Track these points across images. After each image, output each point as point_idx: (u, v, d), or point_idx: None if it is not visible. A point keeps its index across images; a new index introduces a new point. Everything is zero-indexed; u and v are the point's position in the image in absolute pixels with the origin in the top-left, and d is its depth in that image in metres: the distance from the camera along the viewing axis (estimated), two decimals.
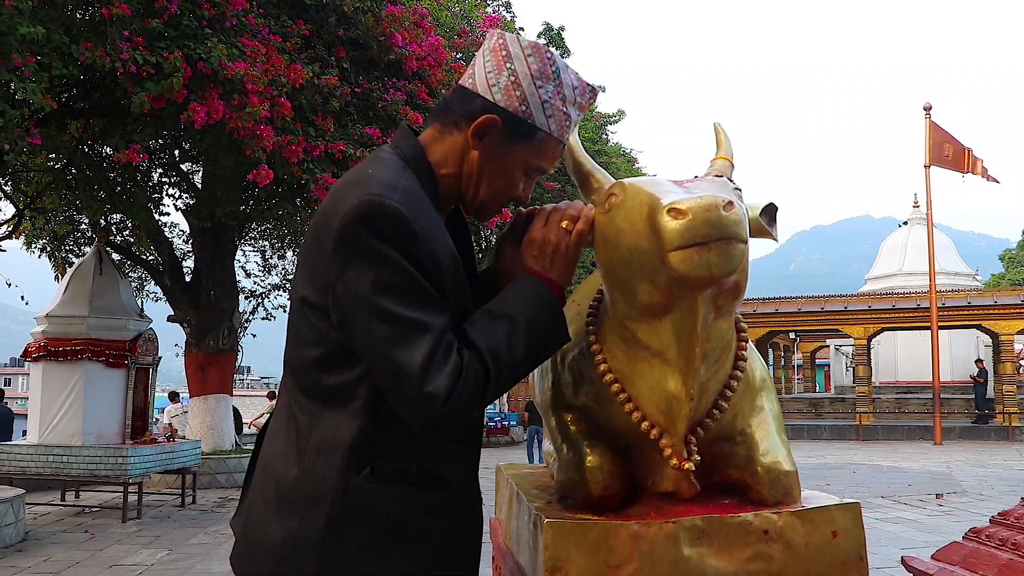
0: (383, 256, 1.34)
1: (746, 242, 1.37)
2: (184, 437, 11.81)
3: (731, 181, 1.57)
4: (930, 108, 22.44)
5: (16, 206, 10.46)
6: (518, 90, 1.50)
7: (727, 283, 1.38)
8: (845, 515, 1.62)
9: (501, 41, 1.53)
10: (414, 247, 1.36)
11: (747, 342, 1.65)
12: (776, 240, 1.60)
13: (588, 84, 1.58)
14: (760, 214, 1.55)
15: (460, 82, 1.58)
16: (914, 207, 31.41)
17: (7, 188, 10.59)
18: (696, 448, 1.58)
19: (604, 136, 22.64)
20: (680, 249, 1.33)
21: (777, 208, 1.57)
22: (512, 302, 1.47)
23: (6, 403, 13.90)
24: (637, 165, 23.83)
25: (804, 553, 1.58)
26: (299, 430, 1.46)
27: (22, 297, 9.94)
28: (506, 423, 23.00)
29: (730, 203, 1.33)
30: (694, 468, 1.57)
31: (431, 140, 1.56)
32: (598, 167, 1.67)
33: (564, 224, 1.52)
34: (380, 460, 1.42)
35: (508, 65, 1.50)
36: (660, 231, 1.34)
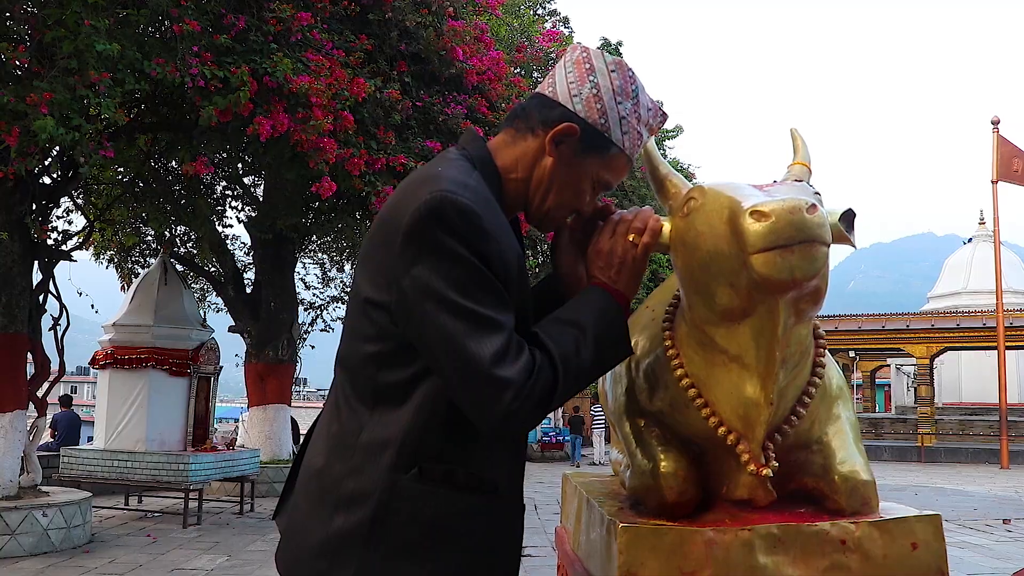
0: (455, 253, 1.34)
1: (828, 245, 1.36)
2: (243, 446, 12.01)
3: (810, 186, 1.56)
4: (998, 122, 21.77)
5: (87, 218, 10.77)
6: (599, 103, 1.51)
7: (808, 287, 1.37)
8: (926, 527, 1.59)
9: (585, 55, 1.55)
10: (485, 245, 1.36)
11: (825, 349, 1.62)
12: (855, 246, 1.58)
13: (660, 108, 1.60)
14: (839, 220, 1.54)
15: (539, 90, 1.59)
16: (980, 224, 30.61)
17: (79, 200, 10.92)
18: (774, 454, 1.56)
19: (662, 151, 22.59)
20: (762, 252, 1.32)
21: (855, 214, 1.55)
22: (581, 311, 1.47)
23: (73, 409, 14.31)
24: (695, 181, 23.67)
25: (882, 564, 1.55)
26: (347, 429, 1.46)
27: (92, 306, 10.21)
28: (561, 438, 22.98)
29: (813, 206, 1.31)
30: (771, 474, 1.55)
31: (501, 144, 1.58)
32: (675, 172, 1.67)
33: (631, 237, 1.53)
34: (429, 461, 1.42)
35: (591, 78, 1.52)
36: (742, 234, 1.34)
